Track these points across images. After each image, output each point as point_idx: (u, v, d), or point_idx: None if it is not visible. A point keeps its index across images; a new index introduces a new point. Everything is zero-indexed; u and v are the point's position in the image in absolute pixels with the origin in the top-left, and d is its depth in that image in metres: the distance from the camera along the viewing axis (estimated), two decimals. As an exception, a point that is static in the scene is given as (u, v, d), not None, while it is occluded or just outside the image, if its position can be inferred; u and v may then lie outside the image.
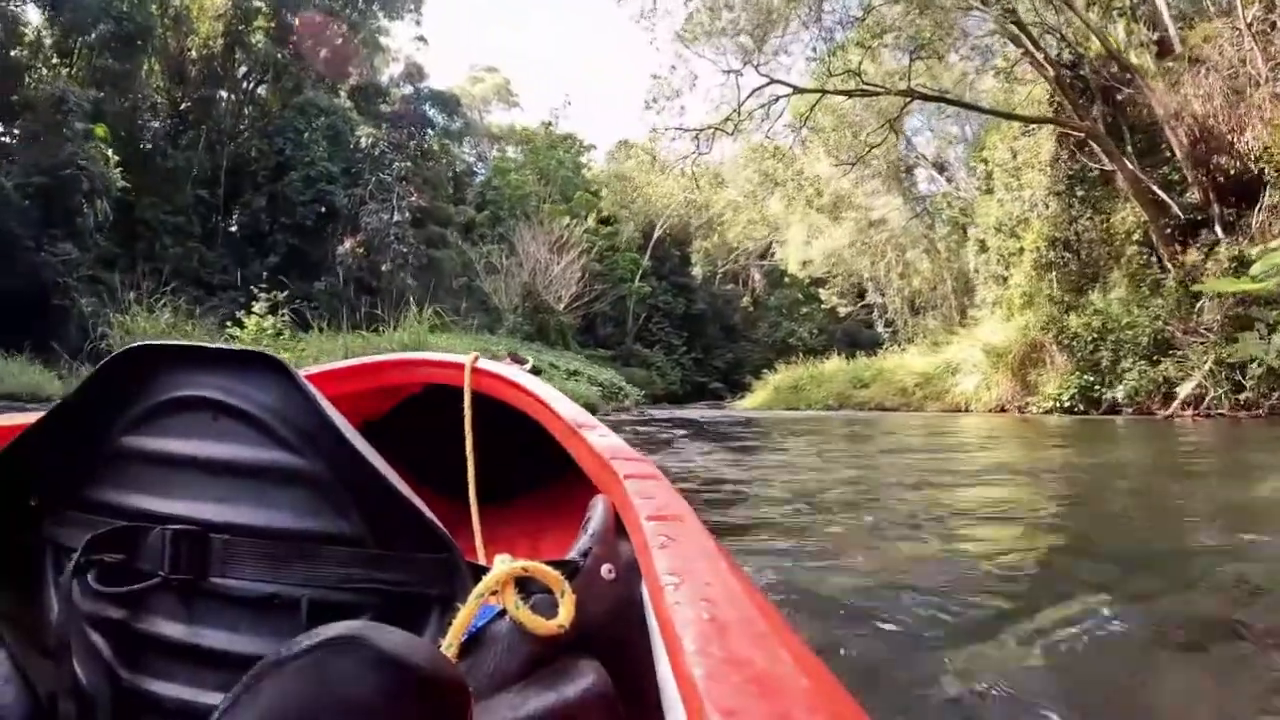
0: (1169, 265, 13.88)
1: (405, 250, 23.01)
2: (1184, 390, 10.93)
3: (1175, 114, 12.65)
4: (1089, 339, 13.56)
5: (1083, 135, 15.18)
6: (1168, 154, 14.52)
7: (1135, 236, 14.44)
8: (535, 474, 1.57)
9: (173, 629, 0.60)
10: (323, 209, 23.11)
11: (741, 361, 41.55)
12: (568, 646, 0.54)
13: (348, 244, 22.18)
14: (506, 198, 29.78)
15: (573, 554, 0.63)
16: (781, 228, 30.24)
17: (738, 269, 43.88)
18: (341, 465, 0.60)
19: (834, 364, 26.69)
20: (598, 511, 0.71)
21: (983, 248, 20.94)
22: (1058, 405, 13.88)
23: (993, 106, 17.20)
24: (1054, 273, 17.11)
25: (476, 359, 1.33)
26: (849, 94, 16.48)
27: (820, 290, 43.12)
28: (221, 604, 0.60)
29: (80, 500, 0.66)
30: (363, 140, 25.24)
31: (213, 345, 0.65)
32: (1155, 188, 13.99)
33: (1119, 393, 12.38)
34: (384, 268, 21.75)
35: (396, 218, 23.06)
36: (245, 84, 25.16)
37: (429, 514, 0.60)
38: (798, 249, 34.38)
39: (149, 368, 0.66)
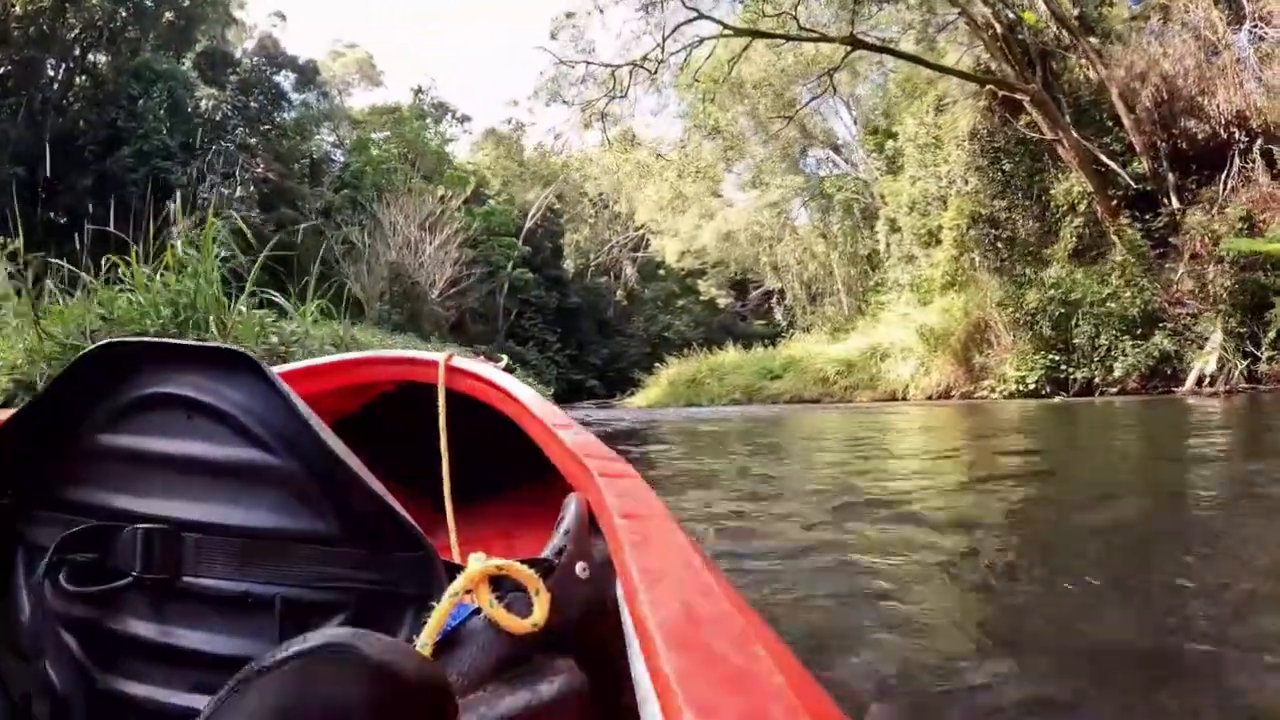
0: (1114, 237, 13.00)
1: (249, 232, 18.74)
2: (1209, 365, 9.74)
3: (1141, 75, 11.58)
4: (1054, 315, 12.27)
5: (1022, 100, 14.04)
6: (1109, 123, 13.72)
7: (1081, 208, 13.45)
8: (510, 473, 1.50)
9: (146, 629, 0.58)
10: (157, 189, 18.82)
11: (617, 357, 39.94)
12: (543, 645, 0.53)
13: (181, 225, 17.60)
14: (369, 177, 25.54)
15: (547, 552, 0.61)
16: (673, 212, 28.00)
17: (609, 262, 42.13)
18: (315, 463, 0.59)
19: (732, 355, 25.00)
20: (571, 510, 0.67)
21: (894, 227, 19.82)
22: (1021, 388, 12.52)
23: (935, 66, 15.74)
24: (978, 250, 16.10)
25: (451, 357, 1.28)
26: (785, 38, 14.45)
27: (699, 282, 42.14)
28: (195, 603, 0.58)
29: (52, 499, 0.63)
30: (203, 103, 20.68)
31: (186, 342, 0.64)
32: (1104, 156, 13.05)
33: (1115, 370, 11.08)
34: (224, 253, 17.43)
35: (239, 192, 18.96)
36: (76, 48, 20.95)
37: (403, 513, 0.58)
38: (683, 238, 32.58)
39: (122, 365, 0.64)
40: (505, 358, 1.58)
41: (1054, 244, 14.01)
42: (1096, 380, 11.49)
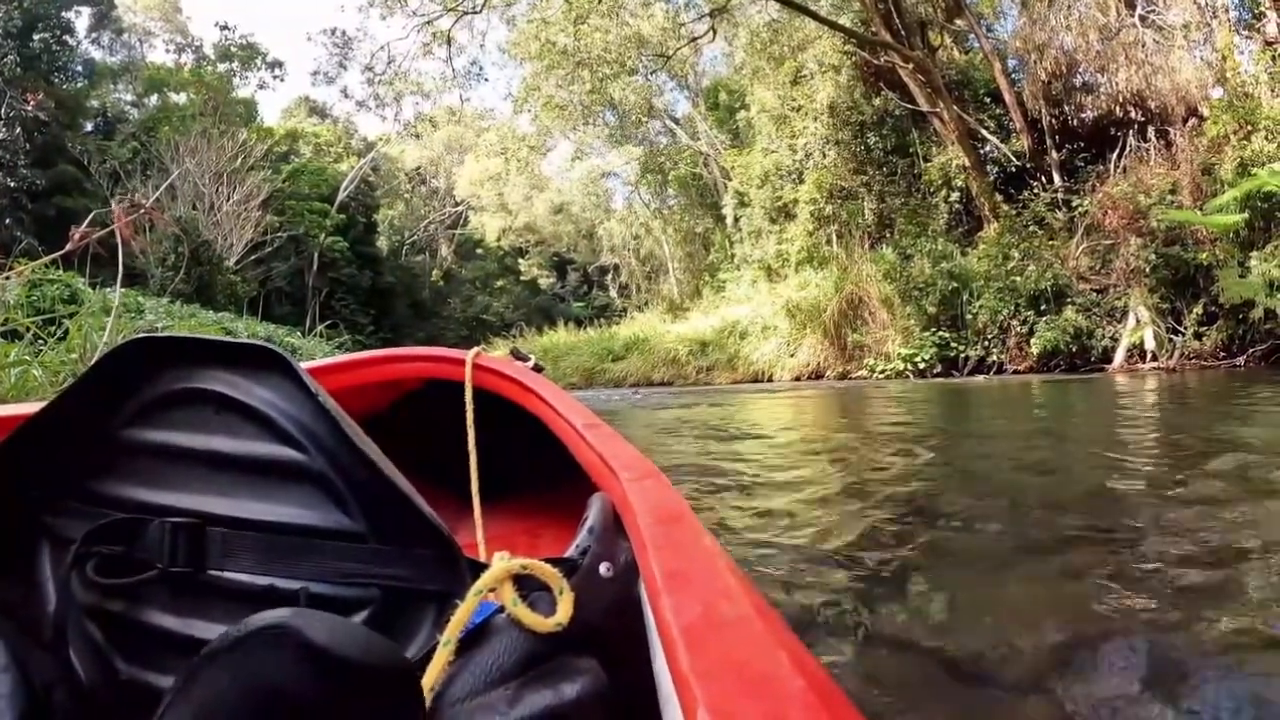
0: (988, 214, 11.74)
1: (14, 185, 14.19)
2: (1146, 341, 8.39)
3: (1039, 48, 10.16)
4: (944, 290, 10.60)
5: (901, 70, 12.31)
6: (985, 99, 12.46)
7: (958, 183, 12.03)
8: (536, 472, 1.34)
9: (170, 620, 0.56)
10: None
11: (434, 340, 35.22)
12: (565, 644, 0.50)
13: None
14: (164, 130, 19.25)
15: (571, 552, 0.58)
16: (499, 183, 23.96)
17: (425, 240, 37.03)
18: (342, 460, 0.57)
19: (565, 335, 21.89)
20: (596, 509, 0.63)
21: (743, 202, 17.75)
22: (911, 368, 10.74)
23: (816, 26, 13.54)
24: (837, 224, 14.43)
25: (478, 354, 1.19)
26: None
27: (521, 261, 38.24)
28: (219, 597, 0.56)
29: (80, 492, 0.61)
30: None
31: (216, 338, 0.61)
32: (984, 132, 11.69)
33: (1035, 347, 9.49)
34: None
35: (2, 135, 14.14)
36: None
37: (429, 510, 0.56)
38: (508, 213, 28.58)
39: (151, 360, 0.61)
40: (533, 356, 1.29)
41: (926, 219, 12.57)
42: (994, 359, 9.99)
